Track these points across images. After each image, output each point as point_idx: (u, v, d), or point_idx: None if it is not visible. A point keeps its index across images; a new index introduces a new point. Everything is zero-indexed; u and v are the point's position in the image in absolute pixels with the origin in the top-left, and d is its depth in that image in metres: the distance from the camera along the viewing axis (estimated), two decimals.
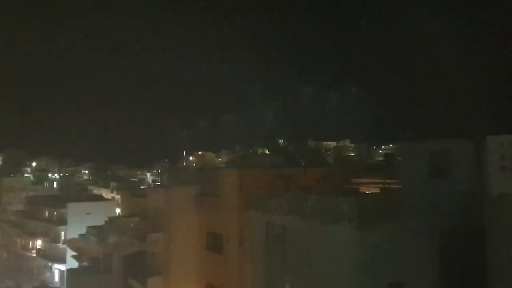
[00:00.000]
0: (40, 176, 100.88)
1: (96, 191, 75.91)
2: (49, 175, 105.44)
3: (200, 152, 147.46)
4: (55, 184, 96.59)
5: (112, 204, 57.76)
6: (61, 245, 53.15)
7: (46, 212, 58.14)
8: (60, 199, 58.90)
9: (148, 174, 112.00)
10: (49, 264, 55.26)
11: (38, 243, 58.60)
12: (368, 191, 24.09)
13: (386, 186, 23.12)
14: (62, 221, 54.12)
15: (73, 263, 43.39)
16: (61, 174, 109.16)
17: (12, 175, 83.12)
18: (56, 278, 53.43)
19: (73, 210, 53.23)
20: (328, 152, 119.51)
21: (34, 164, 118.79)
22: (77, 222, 48.62)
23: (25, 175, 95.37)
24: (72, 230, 49.09)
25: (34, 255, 58.34)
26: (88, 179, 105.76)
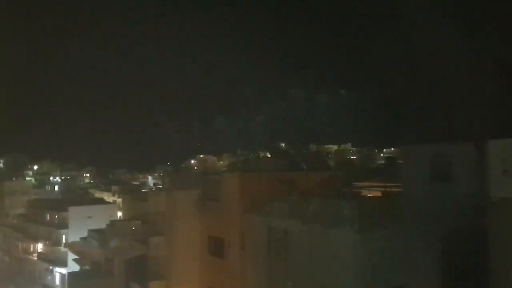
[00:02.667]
0: (42, 179, 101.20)
1: (97, 194, 76.01)
2: (51, 178, 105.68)
3: (202, 156, 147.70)
4: (56, 188, 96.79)
5: (114, 208, 57.78)
6: (62, 249, 53.16)
7: (48, 216, 58.16)
8: (62, 203, 58.97)
9: (150, 178, 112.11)
10: (51, 267, 55.21)
11: (40, 246, 58.61)
12: (369, 194, 24.05)
13: (388, 189, 23.07)
14: (64, 225, 54.15)
15: (74, 267, 43.37)
16: (63, 178, 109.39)
17: (14, 179, 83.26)
18: (58, 281, 53.38)
19: (75, 213, 53.26)
20: (329, 156, 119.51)
21: (36, 167, 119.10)
22: (79, 226, 48.66)
23: (27, 178, 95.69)
24: (74, 233, 49.14)
25: (36, 258, 58.31)
26: (90, 183, 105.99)
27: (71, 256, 46.65)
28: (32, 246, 59.88)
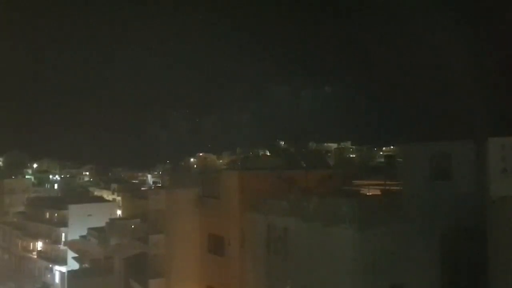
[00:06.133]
0: (42, 177, 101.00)
1: (97, 192, 75.86)
2: (51, 176, 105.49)
3: (201, 154, 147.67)
4: (56, 186, 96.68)
5: (113, 206, 57.72)
6: (62, 247, 53.15)
7: (47, 214, 58.12)
8: (61, 201, 58.87)
9: (149, 176, 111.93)
10: (50, 266, 55.21)
11: (39, 244, 58.58)
12: (369, 193, 24.04)
13: (387, 188, 23.06)
14: (63, 223, 54.10)
15: (74, 265, 43.42)
16: (62, 176, 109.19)
17: (13, 177, 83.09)
18: (57, 280, 53.38)
19: (74, 211, 53.19)
20: (329, 154, 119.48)
21: (35, 165, 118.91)
22: (78, 224, 48.66)
23: (27, 176, 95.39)
24: (73, 231, 49.17)
25: (35, 256, 58.30)
26: (89, 181, 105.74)
27: (70, 254, 46.71)
28: (31, 244, 59.83)
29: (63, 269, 50.33)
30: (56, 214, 56.44)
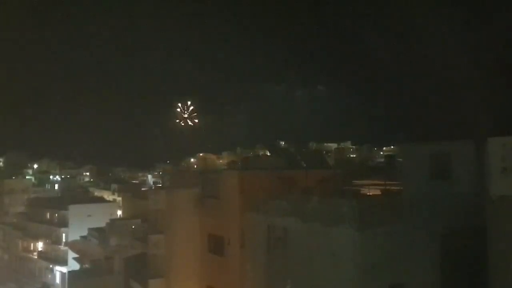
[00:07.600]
0: (42, 178, 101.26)
1: (97, 193, 76.02)
2: (51, 177, 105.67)
3: (201, 154, 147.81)
4: (56, 186, 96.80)
5: (114, 206, 57.84)
6: (62, 247, 53.24)
7: (48, 214, 58.22)
8: (62, 201, 58.96)
9: (149, 176, 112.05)
10: (51, 266, 55.29)
11: (40, 245, 58.67)
12: (369, 193, 24.06)
13: (387, 187, 23.07)
14: (64, 223, 54.20)
15: (74, 265, 43.46)
16: (63, 176, 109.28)
17: (13, 177, 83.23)
18: (58, 280, 53.44)
19: (75, 212, 53.31)
20: (329, 154, 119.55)
21: (35, 166, 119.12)
22: (79, 224, 48.76)
23: (27, 177, 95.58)
24: (74, 232, 49.27)
25: (36, 257, 58.38)
26: (90, 181, 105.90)
27: (71, 254, 46.76)
28: (32, 244, 59.93)
29: (64, 269, 50.42)
30: (56, 215, 56.54)
